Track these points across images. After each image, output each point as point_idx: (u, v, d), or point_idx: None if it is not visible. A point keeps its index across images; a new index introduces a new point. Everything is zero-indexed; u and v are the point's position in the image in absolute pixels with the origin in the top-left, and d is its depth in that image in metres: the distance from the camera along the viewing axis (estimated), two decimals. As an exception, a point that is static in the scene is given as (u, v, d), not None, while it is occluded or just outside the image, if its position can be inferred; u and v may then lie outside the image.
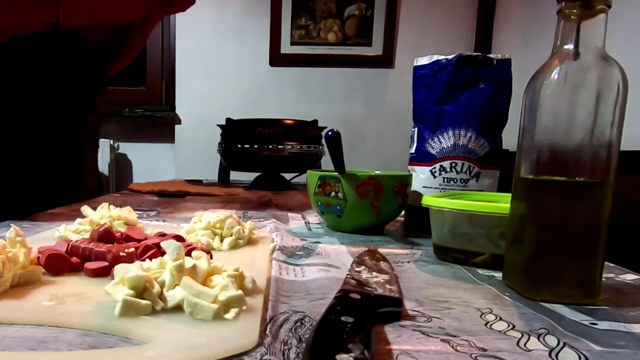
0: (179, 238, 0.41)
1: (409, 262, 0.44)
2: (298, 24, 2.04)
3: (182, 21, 2.07)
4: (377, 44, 2.04)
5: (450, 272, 0.41)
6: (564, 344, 0.26)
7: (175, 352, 0.22)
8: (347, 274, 0.35)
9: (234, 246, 0.45)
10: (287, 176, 1.26)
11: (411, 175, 0.60)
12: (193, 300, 0.26)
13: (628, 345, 0.26)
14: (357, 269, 0.36)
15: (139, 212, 0.68)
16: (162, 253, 0.33)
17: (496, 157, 0.58)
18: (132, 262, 0.30)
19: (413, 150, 0.62)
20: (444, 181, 0.58)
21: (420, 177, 0.60)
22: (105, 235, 0.38)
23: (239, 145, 1.13)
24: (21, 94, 0.73)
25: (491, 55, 0.56)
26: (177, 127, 2.12)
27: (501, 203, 0.40)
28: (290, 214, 0.73)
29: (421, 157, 0.60)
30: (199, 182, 1.32)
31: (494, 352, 0.24)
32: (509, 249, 0.37)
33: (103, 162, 2.11)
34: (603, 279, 0.34)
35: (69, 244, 0.36)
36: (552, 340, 0.26)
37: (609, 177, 0.32)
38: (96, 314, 0.26)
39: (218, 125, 1.22)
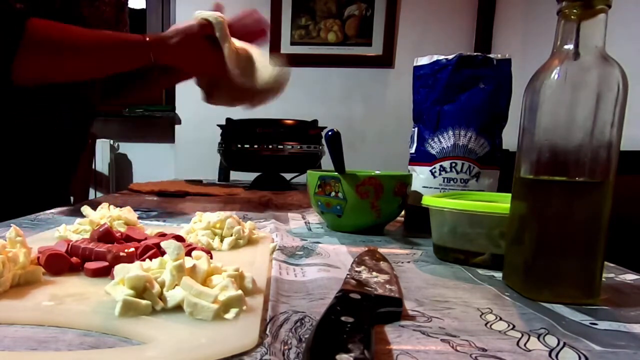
0: (179, 238, 0.41)
1: (409, 262, 0.44)
2: (298, 24, 2.04)
3: (182, 21, 2.07)
4: (377, 44, 2.04)
5: (450, 272, 0.41)
6: (564, 344, 0.26)
7: (175, 352, 0.22)
8: (347, 274, 0.35)
9: (234, 246, 0.45)
10: (287, 176, 1.26)
11: (411, 175, 0.60)
12: (193, 300, 0.26)
13: (628, 345, 0.26)
14: (357, 269, 0.36)
15: (139, 212, 0.68)
16: (162, 253, 0.33)
17: (496, 157, 0.58)
18: (132, 262, 0.30)
19: (413, 150, 0.62)
20: (444, 181, 0.58)
21: (420, 177, 0.60)
22: (105, 235, 0.38)
23: (239, 145, 1.13)
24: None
25: (491, 55, 0.56)
26: (177, 127, 2.12)
27: (501, 203, 0.40)
28: (290, 214, 0.73)
29: (421, 157, 0.60)
30: (199, 182, 1.32)
31: (494, 352, 0.24)
32: (509, 249, 0.37)
33: (103, 162, 2.11)
34: (603, 279, 0.34)
35: (69, 244, 0.36)
36: (552, 340, 0.26)
37: (609, 177, 0.32)
38: (96, 314, 0.26)
39: (218, 125, 1.22)
